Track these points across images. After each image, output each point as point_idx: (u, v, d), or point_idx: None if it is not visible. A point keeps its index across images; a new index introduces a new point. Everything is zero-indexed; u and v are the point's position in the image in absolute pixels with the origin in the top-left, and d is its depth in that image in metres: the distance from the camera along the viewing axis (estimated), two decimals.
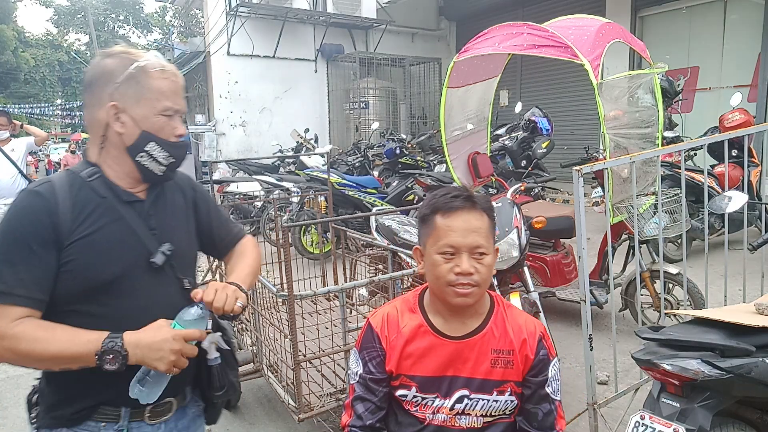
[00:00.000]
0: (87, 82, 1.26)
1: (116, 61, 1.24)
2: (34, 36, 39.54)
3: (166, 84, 1.26)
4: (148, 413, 1.29)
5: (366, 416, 1.43)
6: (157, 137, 1.26)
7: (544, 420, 1.39)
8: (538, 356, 1.40)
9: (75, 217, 1.19)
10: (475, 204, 1.36)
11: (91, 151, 1.28)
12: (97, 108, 1.23)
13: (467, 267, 1.31)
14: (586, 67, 3.28)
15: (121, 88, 1.22)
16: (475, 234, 1.33)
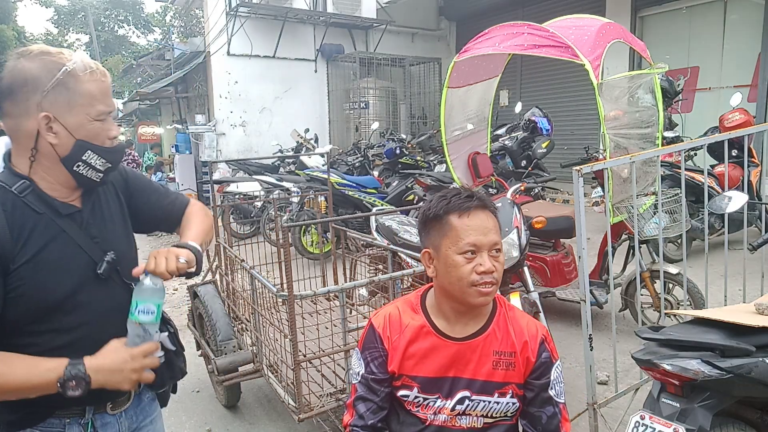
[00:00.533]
0: (6, 89, 1.14)
1: (38, 64, 1.14)
2: (34, 36, 39.55)
3: (96, 86, 1.19)
4: (110, 405, 1.30)
5: (368, 416, 1.43)
6: (93, 145, 1.20)
7: (549, 423, 1.39)
8: (540, 359, 1.40)
9: (15, 239, 1.13)
10: (487, 204, 1.39)
11: (19, 163, 1.19)
12: (23, 118, 1.14)
13: (490, 265, 1.32)
14: (587, 67, 3.28)
15: (50, 96, 1.14)
16: (492, 232, 1.35)
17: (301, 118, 11.43)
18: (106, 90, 1.22)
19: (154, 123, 17.48)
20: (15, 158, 1.20)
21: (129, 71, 19.93)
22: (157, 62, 15.62)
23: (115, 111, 1.31)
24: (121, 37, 39.92)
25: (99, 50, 30.40)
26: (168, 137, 16.72)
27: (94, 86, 1.19)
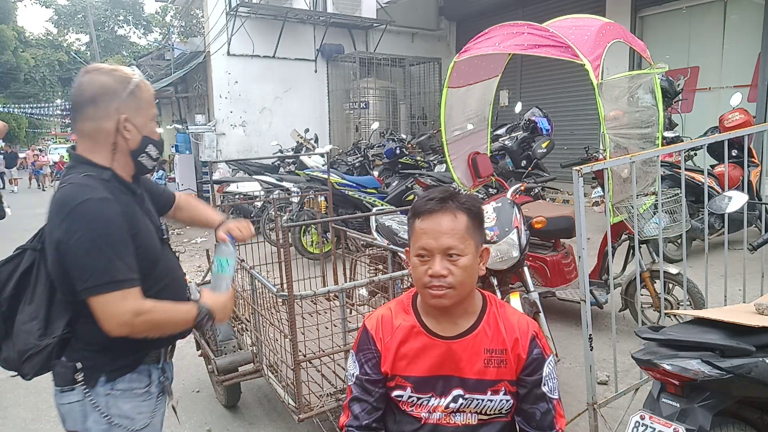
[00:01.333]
0: (89, 98, 1.42)
1: (113, 78, 1.44)
2: (34, 36, 39.55)
3: (150, 95, 1.52)
4: (169, 353, 1.66)
5: (362, 416, 1.44)
6: (152, 139, 1.53)
7: (543, 419, 1.40)
8: (531, 355, 1.40)
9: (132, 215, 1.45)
10: (450, 205, 1.36)
11: (96, 157, 1.46)
12: (104, 120, 1.43)
13: (438, 269, 1.33)
14: (587, 67, 3.28)
15: (125, 103, 1.45)
16: (446, 236, 1.34)
17: (301, 118, 11.43)
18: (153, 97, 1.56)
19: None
20: (90, 154, 1.46)
21: None
22: (157, 62, 15.63)
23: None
24: (121, 37, 39.94)
25: (99, 50, 30.39)
26: (168, 137, 16.71)
27: (149, 95, 1.52)
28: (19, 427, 3.19)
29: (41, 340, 1.43)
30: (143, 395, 1.54)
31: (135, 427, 1.51)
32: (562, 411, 1.44)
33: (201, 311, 1.50)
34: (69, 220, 1.34)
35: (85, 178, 1.41)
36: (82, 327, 1.45)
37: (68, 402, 1.50)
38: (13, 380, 3.80)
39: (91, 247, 1.32)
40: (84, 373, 1.46)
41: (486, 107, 4.86)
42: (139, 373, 1.53)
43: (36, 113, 31.42)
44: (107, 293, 1.34)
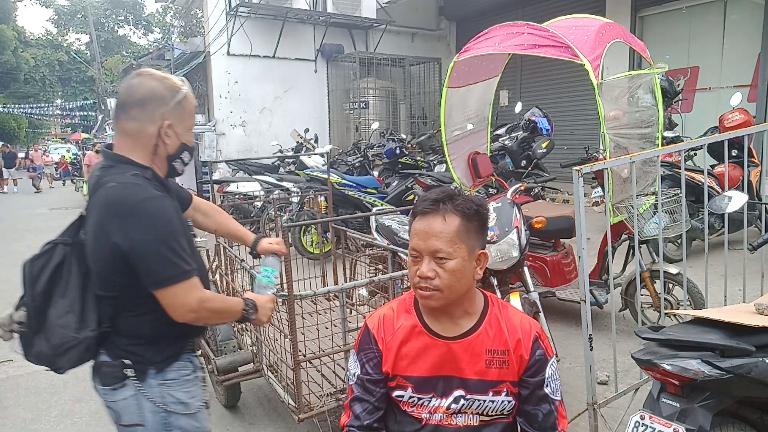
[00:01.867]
0: (137, 100, 1.49)
1: (164, 86, 1.52)
2: (34, 36, 39.55)
3: (193, 107, 1.61)
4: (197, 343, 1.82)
5: (363, 416, 1.44)
6: (188, 146, 1.62)
7: (545, 420, 1.39)
8: (534, 356, 1.40)
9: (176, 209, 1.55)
10: (443, 208, 1.35)
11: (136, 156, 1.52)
12: (149, 123, 1.51)
13: (425, 270, 1.34)
14: (587, 67, 3.28)
15: (171, 110, 1.53)
16: (434, 238, 1.33)
17: (301, 118, 11.43)
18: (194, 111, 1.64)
19: None
20: (129, 152, 1.52)
21: (129, 71, 19.92)
22: (157, 62, 15.61)
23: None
24: (121, 37, 39.94)
25: (99, 50, 30.39)
26: None
27: (192, 107, 1.61)
28: (19, 427, 3.19)
29: (79, 332, 1.47)
30: (193, 380, 1.63)
31: (191, 411, 1.60)
32: (564, 412, 1.44)
33: (247, 303, 1.63)
34: (132, 220, 1.40)
35: (134, 177, 1.47)
36: (125, 322, 1.51)
37: (122, 398, 1.54)
38: (13, 380, 3.80)
39: (159, 243, 1.41)
40: (133, 368, 1.52)
41: (486, 107, 4.86)
42: (183, 361, 1.61)
43: (36, 113, 31.43)
44: (177, 284, 1.44)
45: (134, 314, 1.49)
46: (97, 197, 1.46)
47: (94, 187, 1.48)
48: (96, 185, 1.48)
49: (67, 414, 3.32)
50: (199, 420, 1.63)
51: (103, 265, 1.45)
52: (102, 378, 1.55)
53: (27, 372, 3.93)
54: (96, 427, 3.16)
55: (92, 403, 3.43)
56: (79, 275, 1.51)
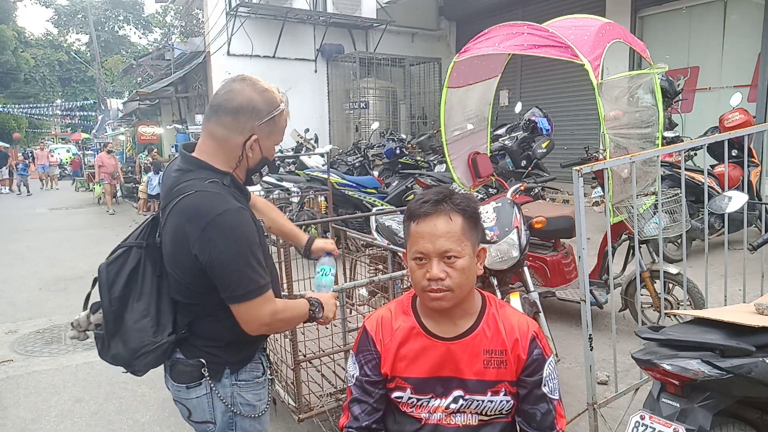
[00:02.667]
0: (233, 108, 1.46)
1: (263, 99, 1.49)
2: (34, 36, 39.55)
3: (285, 123, 1.57)
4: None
5: (362, 418, 1.45)
6: (269, 160, 1.60)
7: (543, 420, 1.40)
8: (532, 356, 1.40)
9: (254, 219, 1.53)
10: (445, 207, 1.35)
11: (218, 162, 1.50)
12: (237, 133, 1.48)
13: (436, 272, 1.32)
14: (587, 68, 3.28)
15: (262, 125, 1.49)
16: (442, 239, 1.32)
17: (301, 118, 11.43)
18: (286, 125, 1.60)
19: (154, 123, 17.48)
20: (210, 157, 1.50)
21: (129, 71, 19.94)
22: (157, 62, 15.64)
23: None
24: (121, 37, 39.95)
25: (99, 50, 30.39)
26: (168, 137, 16.72)
27: (285, 123, 1.57)
28: (19, 427, 3.19)
29: (156, 336, 1.48)
30: (262, 383, 1.64)
31: (257, 414, 1.61)
32: (562, 411, 1.44)
33: (312, 304, 1.64)
34: (211, 233, 1.38)
35: (212, 185, 1.44)
36: (203, 326, 1.52)
37: (196, 396, 1.55)
38: (13, 380, 3.80)
39: (237, 258, 1.40)
40: (209, 368, 1.53)
41: (486, 107, 4.86)
42: (255, 362, 1.62)
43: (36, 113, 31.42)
44: (253, 299, 1.43)
45: (213, 319, 1.50)
46: (176, 204, 1.43)
47: (170, 189, 1.47)
48: (172, 188, 1.47)
49: (67, 414, 3.32)
50: (262, 423, 1.65)
51: (182, 274, 1.45)
52: (177, 376, 1.55)
53: (27, 372, 3.93)
54: (96, 427, 3.16)
55: (92, 403, 3.44)
56: (153, 278, 1.51)
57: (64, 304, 5.52)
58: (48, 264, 7.33)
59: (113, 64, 33.54)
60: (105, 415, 3.28)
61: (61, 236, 9.34)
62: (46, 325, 4.90)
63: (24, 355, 4.24)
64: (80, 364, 4.03)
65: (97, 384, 3.70)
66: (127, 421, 3.20)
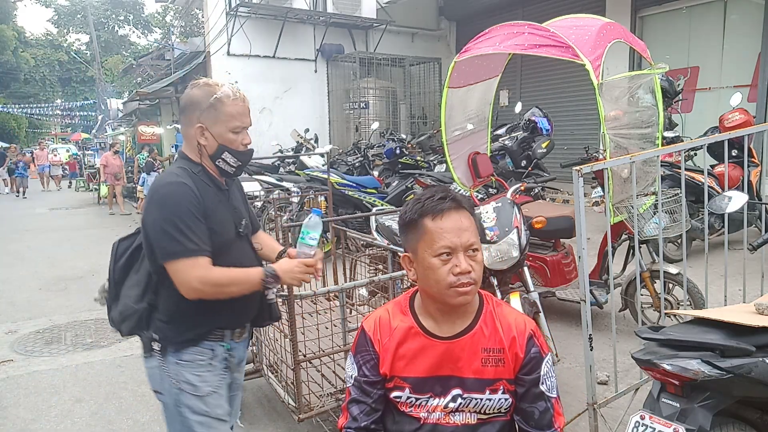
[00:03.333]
0: (182, 107, 1.73)
1: (201, 92, 1.69)
2: (34, 36, 39.55)
3: (234, 109, 1.70)
4: (237, 334, 1.83)
5: (361, 418, 1.45)
6: (230, 148, 1.73)
7: (541, 418, 1.40)
8: (529, 354, 1.40)
9: (207, 199, 1.68)
10: (461, 204, 1.38)
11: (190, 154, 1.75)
12: (189, 126, 1.71)
13: (466, 266, 1.34)
14: (588, 68, 3.27)
15: (204, 113, 1.68)
16: (467, 232, 1.36)
17: (301, 118, 11.43)
18: (243, 111, 1.73)
19: (154, 123, 17.47)
20: (188, 151, 1.76)
21: (129, 71, 19.94)
22: (157, 62, 15.64)
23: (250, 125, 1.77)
24: (121, 37, 39.94)
25: (99, 50, 30.39)
26: (168, 137, 16.71)
27: (233, 109, 1.70)
28: (19, 427, 3.19)
29: (136, 304, 1.71)
30: (206, 366, 1.74)
31: (199, 393, 1.73)
32: (560, 409, 1.44)
33: (266, 272, 1.69)
34: (151, 201, 1.64)
35: (178, 168, 1.71)
36: (161, 298, 1.71)
37: (150, 366, 1.76)
38: (13, 380, 3.80)
39: (165, 222, 1.59)
40: (159, 343, 1.71)
41: (486, 107, 4.86)
42: (202, 347, 1.74)
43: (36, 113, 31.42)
44: (179, 260, 1.59)
45: (168, 291, 1.66)
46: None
47: None
48: None
49: (67, 414, 3.32)
50: (208, 404, 1.74)
51: (145, 244, 1.67)
52: (142, 345, 1.77)
53: (27, 372, 3.93)
54: (96, 427, 3.16)
55: (92, 403, 3.44)
56: None
57: (64, 304, 5.52)
58: (48, 264, 7.33)
59: (113, 64, 33.53)
60: (105, 415, 3.28)
61: (61, 236, 9.34)
62: (46, 325, 4.90)
63: (24, 355, 4.24)
64: (80, 364, 4.03)
65: (97, 384, 3.70)
66: (127, 421, 3.20)
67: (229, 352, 1.82)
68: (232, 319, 1.79)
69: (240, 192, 1.95)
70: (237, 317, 1.81)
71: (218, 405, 1.77)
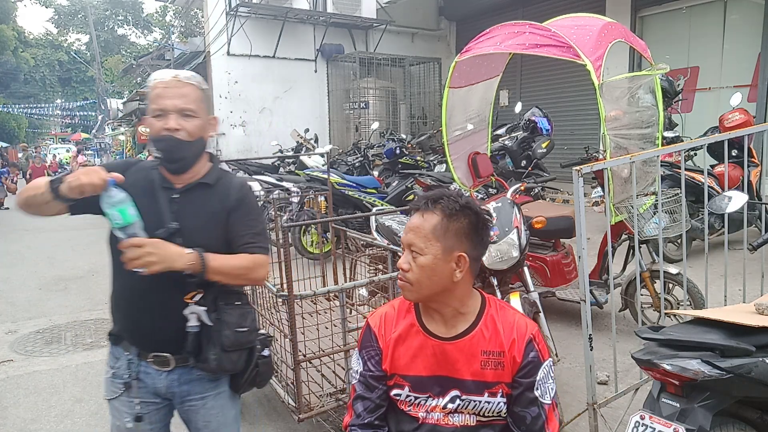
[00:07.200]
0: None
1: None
2: (34, 36, 39.55)
3: (156, 92, 1.55)
4: (151, 358, 1.60)
5: (364, 415, 1.45)
6: (152, 136, 1.59)
7: (533, 424, 1.39)
8: (527, 358, 1.40)
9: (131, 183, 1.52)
10: (426, 206, 1.39)
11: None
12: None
13: (401, 261, 1.40)
14: (589, 68, 3.27)
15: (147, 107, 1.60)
16: (411, 233, 1.39)
17: (301, 118, 11.42)
18: (164, 93, 1.54)
19: None
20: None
21: (129, 71, 19.92)
22: (157, 62, 15.62)
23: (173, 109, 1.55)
24: (121, 37, 39.96)
25: (99, 50, 30.39)
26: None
27: (155, 92, 1.56)
28: (19, 427, 3.19)
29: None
30: (109, 371, 1.68)
31: (104, 394, 1.70)
32: (554, 416, 1.43)
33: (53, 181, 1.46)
34: None
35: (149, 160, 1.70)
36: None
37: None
38: (13, 380, 3.80)
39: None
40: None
41: (486, 107, 4.85)
42: (113, 349, 1.68)
43: (36, 113, 31.43)
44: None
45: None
46: None
47: None
48: None
49: (67, 414, 3.32)
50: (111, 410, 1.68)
51: None
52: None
53: (27, 372, 3.93)
54: (96, 427, 3.16)
55: (92, 403, 3.44)
56: None
57: (64, 304, 5.51)
58: (48, 264, 7.32)
59: (113, 64, 33.52)
60: (105, 415, 3.26)
61: (61, 236, 9.34)
62: (46, 325, 4.89)
63: (24, 355, 4.24)
64: (80, 364, 4.02)
65: (97, 384, 3.70)
66: None
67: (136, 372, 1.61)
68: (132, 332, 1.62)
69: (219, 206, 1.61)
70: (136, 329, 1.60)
71: (116, 417, 1.66)
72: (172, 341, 1.56)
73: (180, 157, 1.57)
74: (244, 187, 1.70)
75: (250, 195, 1.71)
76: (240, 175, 8.58)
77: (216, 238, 1.60)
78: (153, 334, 1.58)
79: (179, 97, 1.53)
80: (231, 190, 1.65)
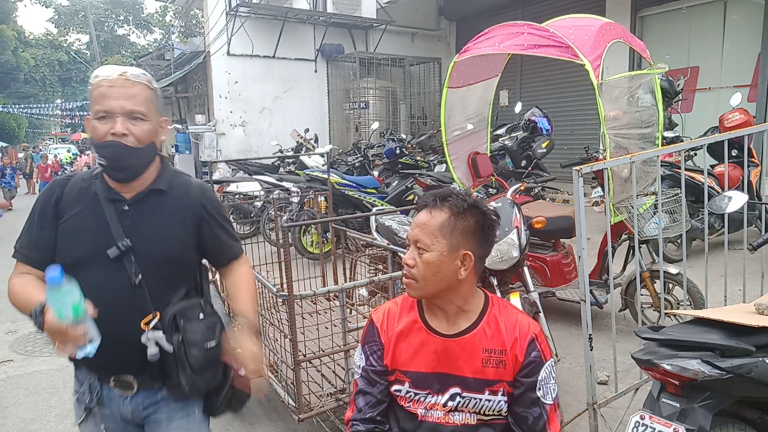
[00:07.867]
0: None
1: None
2: (34, 36, 39.56)
3: (99, 90, 1.36)
4: (113, 382, 1.47)
5: (366, 409, 1.46)
6: (93, 141, 1.41)
7: (534, 424, 1.39)
8: (529, 358, 1.40)
9: (69, 204, 1.44)
10: (434, 203, 1.40)
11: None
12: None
13: (406, 257, 1.40)
14: (587, 68, 3.28)
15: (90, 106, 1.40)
16: (418, 229, 1.39)
17: (301, 118, 11.43)
18: (107, 93, 1.36)
19: None
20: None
21: None
22: (157, 62, 15.62)
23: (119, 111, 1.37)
24: (121, 37, 39.97)
25: (99, 50, 30.38)
26: (168, 137, 16.69)
27: (96, 92, 1.37)
28: (19, 427, 3.19)
29: None
30: (74, 394, 1.56)
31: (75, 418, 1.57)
32: (556, 416, 1.43)
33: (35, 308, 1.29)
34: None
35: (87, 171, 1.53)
36: None
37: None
38: (13, 380, 3.80)
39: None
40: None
41: (486, 107, 4.86)
42: (76, 375, 1.55)
43: (36, 113, 31.42)
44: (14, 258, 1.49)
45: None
46: None
47: None
48: None
49: (67, 414, 3.32)
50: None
51: None
52: None
53: (27, 372, 3.93)
54: None
55: None
56: None
57: None
58: None
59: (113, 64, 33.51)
60: None
61: None
62: None
63: (24, 355, 4.24)
64: None
65: None
66: None
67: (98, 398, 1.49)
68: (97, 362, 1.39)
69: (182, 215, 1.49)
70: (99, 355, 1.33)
71: None
72: (132, 364, 1.43)
73: (127, 165, 1.40)
74: (206, 190, 1.57)
75: (212, 196, 1.60)
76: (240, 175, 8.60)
77: (178, 248, 1.47)
78: (112, 359, 1.41)
79: (127, 97, 1.35)
80: (191, 196, 1.51)
